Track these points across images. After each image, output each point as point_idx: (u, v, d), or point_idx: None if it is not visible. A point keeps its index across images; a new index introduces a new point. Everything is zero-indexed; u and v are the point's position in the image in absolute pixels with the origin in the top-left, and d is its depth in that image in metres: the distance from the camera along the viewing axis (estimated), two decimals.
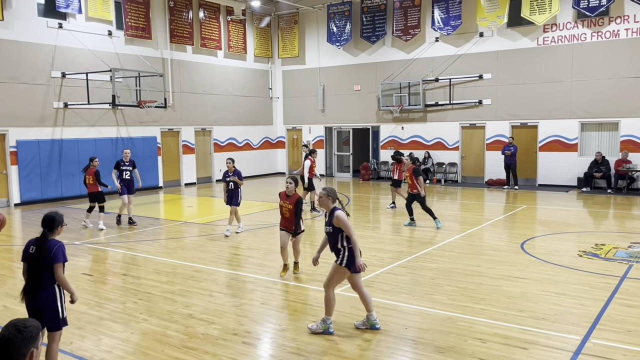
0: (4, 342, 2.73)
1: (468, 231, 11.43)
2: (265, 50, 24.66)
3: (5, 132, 15.77)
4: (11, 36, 15.67)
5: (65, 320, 4.80)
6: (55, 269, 4.65)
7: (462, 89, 20.46)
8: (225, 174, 11.41)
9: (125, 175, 12.63)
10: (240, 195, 11.40)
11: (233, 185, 11.24)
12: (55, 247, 4.68)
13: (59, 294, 4.74)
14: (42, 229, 4.74)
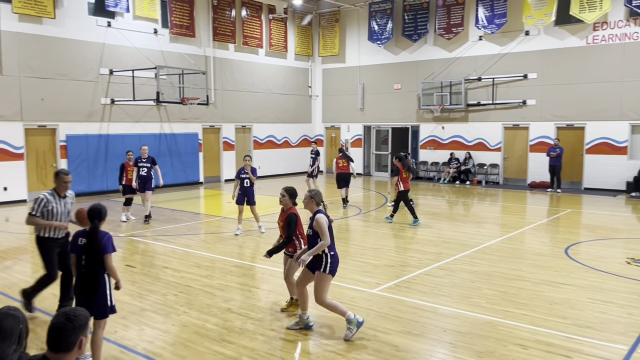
0: (55, 330, 2.84)
1: (509, 234, 11.19)
2: (306, 49, 24.76)
3: (56, 126, 16.37)
4: (62, 34, 16.25)
5: (113, 308, 4.99)
6: (106, 259, 4.83)
7: (505, 88, 20.02)
8: (240, 171, 11.05)
9: (142, 171, 12.42)
10: (254, 193, 11.15)
11: (248, 183, 10.99)
12: (105, 238, 4.87)
13: (108, 283, 4.94)
14: (91, 221, 4.91)
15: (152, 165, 12.61)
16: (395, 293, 7.23)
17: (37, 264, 8.98)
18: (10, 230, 11.91)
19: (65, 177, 6.15)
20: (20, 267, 8.80)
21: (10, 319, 3.19)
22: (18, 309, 3.27)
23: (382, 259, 9.05)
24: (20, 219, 13.41)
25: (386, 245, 10.32)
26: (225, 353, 5.33)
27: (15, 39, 15.23)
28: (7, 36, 15.03)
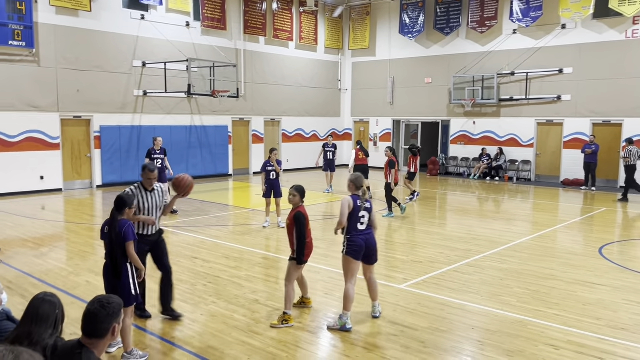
0: (89, 316, 2.92)
1: (540, 232, 10.97)
2: (336, 42, 24.68)
3: (91, 117, 16.74)
4: (97, 27, 16.57)
5: (137, 297, 5.06)
6: (127, 247, 4.93)
7: (539, 83, 19.57)
8: (266, 164, 11.05)
9: (156, 163, 12.32)
10: (280, 185, 11.13)
11: (275, 175, 11.00)
12: (125, 226, 4.96)
13: (131, 272, 5.02)
14: (116, 209, 5.04)
15: (165, 156, 12.67)
16: (423, 289, 7.17)
17: (72, 251, 9.23)
18: (47, 218, 12.26)
19: (150, 174, 5.76)
20: (55, 254, 9.04)
21: (47, 305, 3.28)
22: (54, 295, 3.36)
23: (409, 255, 8.98)
24: (56, 207, 13.80)
25: (414, 240, 10.24)
26: (252, 344, 5.38)
27: (53, 31, 15.60)
28: (44, 29, 15.40)
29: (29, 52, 15.10)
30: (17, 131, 15.17)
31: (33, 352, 1.53)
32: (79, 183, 16.81)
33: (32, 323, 3.19)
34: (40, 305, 3.25)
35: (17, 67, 14.97)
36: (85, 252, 9.14)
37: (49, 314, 3.25)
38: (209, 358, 5.06)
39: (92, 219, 12.39)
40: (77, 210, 13.54)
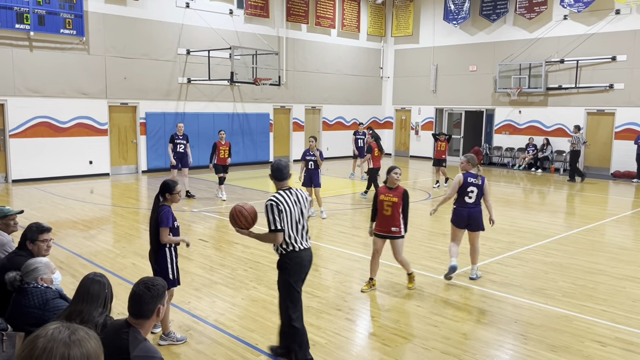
0: (135, 297, 3.00)
1: (588, 226, 10.61)
2: (379, 29, 24.39)
3: (137, 104, 17.17)
4: (144, 15, 16.92)
5: (174, 282, 5.13)
6: (160, 232, 5.00)
7: (590, 71, 18.82)
8: (306, 153, 11.02)
9: (179, 148, 12.80)
10: (320, 176, 11.05)
11: (313, 165, 10.90)
12: (162, 212, 5.02)
13: (169, 256, 5.09)
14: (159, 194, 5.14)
15: (187, 142, 12.98)
16: (464, 281, 7.06)
17: (118, 234, 9.54)
18: (95, 201, 12.69)
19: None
20: (103, 237, 9.36)
21: (97, 285, 3.40)
22: (103, 275, 3.48)
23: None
24: (103, 191, 14.28)
25: None
26: None
27: (102, 20, 16.02)
28: (94, 17, 15.83)
29: (79, 40, 15.57)
30: (68, 117, 15.71)
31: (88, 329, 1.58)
32: (125, 168, 17.31)
33: (83, 302, 3.32)
34: (90, 285, 3.37)
35: (68, 55, 15.47)
36: (131, 235, 9.43)
37: (99, 293, 3.36)
38: (249, 342, 5.15)
39: (138, 203, 12.75)
40: (124, 194, 13.97)
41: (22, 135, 14.92)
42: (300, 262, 4.61)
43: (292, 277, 4.60)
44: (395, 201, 6.31)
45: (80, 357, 1.48)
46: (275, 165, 4.68)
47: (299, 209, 4.61)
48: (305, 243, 4.64)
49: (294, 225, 4.56)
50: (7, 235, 4.94)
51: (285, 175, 4.65)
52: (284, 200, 4.52)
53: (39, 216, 10.25)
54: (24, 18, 14.38)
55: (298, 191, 4.69)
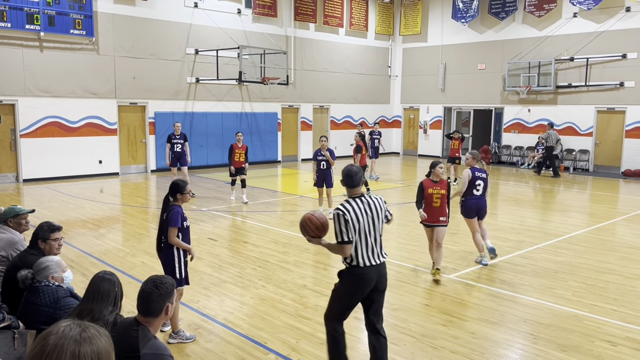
0: (143, 295, 3.02)
1: (598, 225, 10.53)
2: (387, 28, 24.34)
3: (146, 104, 17.26)
4: (152, 15, 16.99)
5: (181, 281, 5.12)
6: (169, 231, 5.03)
7: (600, 69, 18.67)
8: (317, 153, 10.96)
9: (176, 147, 12.80)
10: (332, 175, 10.95)
11: (325, 165, 10.83)
12: (172, 212, 5.05)
13: (177, 255, 5.11)
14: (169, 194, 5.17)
15: (184, 141, 12.96)
16: (473, 279, 7.04)
17: (128, 233, 9.59)
18: (105, 200, 12.77)
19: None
20: (113, 235, 9.42)
21: (107, 283, 3.42)
22: (113, 274, 3.50)
23: (460, 244, 8.83)
24: (113, 191, 14.37)
25: (465, 230, 10.01)
26: (301, 328, 5.44)
27: (111, 20, 16.11)
28: (103, 17, 15.92)
29: (88, 41, 15.67)
30: (78, 117, 15.82)
31: (98, 326, 1.60)
32: (134, 167, 17.41)
33: (94, 300, 3.34)
34: (100, 284, 3.40)
35: (78, 55, 15.57)
36: (140, 234, 9.48)
37: (109, 292, 3.39)
38: (258, 340, 5.16)
39: (147, 203, 12.82)
40: (133, 193, 14.04)
41: (32, 135, 15.05)
42: (360, 279, 4.13)
43: (347, 292, 4.20)
44: (444, 193, 6.97)
45: (90, 354, 1.49)
46: (345, 171, 4.27)
47: (369, 218, 4.14)
48: (374, 258, 4.15)
49: (362, 237, 4.11)
50: (18, 234, 4.99)
51: (356, 182, 4.25)
52: (351, 209, 4.10)
53: (49, 215, 10.33)
54: (34, 19, 14.49)
55: (373, 198, 4.23)
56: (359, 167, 4.33)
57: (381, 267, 4.23)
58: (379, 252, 4.23)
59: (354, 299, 4.24)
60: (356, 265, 4.13)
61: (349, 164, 4.35)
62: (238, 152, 12.17)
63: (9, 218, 4.98)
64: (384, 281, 4.30)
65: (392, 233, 9.67)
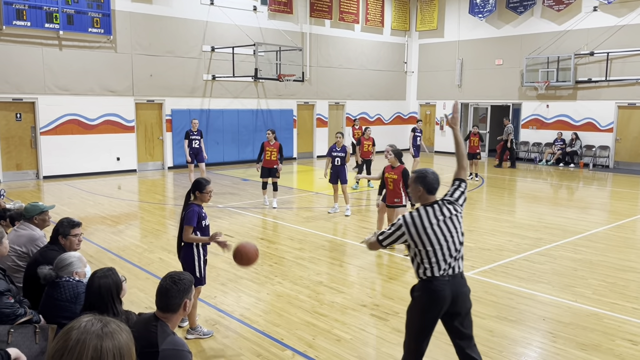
0: (162, 291, 3.05)
1: (619, 222, 10.36)
2: (403, 24, 24.19)
3: (163, 101, 17.39)
4: (169, 13, 17.10)
5: (201, 280, 5.10)
6: (184, 229, 5.01)
7: (621, 64, 18.35)
8: (332, 148, 10.86)
9: (194, 144, 12.95)
10: (346, 172, 10.92)
11: (340, 161, 10.75)
12: (189, 210, 5.03)
13: (196, 255, 5.08)
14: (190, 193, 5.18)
15: (201, 137, 13.12)
16: (490, 277, 6.98)
17: (145, 229, 9.69)
18: (122, 197, 12.91)
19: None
20: (131, 232, 9.52)
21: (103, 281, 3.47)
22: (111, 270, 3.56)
23: (477, 242, 8.76)
24: (131, 187, 14.52)
25: (481, 227, 9.96)
26: (317, 325, 5.45)
27: (128, 18, 16.24)
28: (120, 16, 16.07)
29: (106, 39, 15.83)
30: (96, 115, 16.00)
31: (119, 321, 1.61)
32: (151, 164, 17.56)
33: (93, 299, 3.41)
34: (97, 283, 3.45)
35: (96, 54, 15.74)
36: (158, 230, 9.57)
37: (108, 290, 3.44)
38: (275, 337, 5.18)
39: (164, 199, 12.93)
40: (150, 190, 14.18)
41: (52, 133, 15.26)
42: (434, 295, 3.73)
43: (420, 310, 3.81)
44: (396, 178, 7.86)
45: (112, 349, 1.51)
46: (427, 176, 3.87)
47: (443, 226, 3.74)
48: (448, 272, 3.74)
49: (436, 247, 3.70)
50: (39, 230, 5.07)
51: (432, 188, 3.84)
52: (418, 221, 3.72)
53: (69, 211, 10.47)
54: (54, 17, 14.68)
55: (446, 205, 3.82)
56: (435, 173, 3.90)
57: (459, 283, 3.80)
58: (457, 265, 3.79)
59: (429, 318, 3.79)
60: (429, 279, 3.74)
61: (425, 168, 3.94)
62: (269, 150, 11.33)
63: (34, 215, 5.06)
64: (464, 299, 3.82)
65: None
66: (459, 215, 3.81)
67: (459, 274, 3.80)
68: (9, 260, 4.69)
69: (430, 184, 3.81)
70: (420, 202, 3.86)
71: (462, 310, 3.82)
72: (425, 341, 3.86)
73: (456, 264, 3.77)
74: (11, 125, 14.80)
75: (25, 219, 5.05)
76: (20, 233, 4.91)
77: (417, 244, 3.72)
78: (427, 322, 3.80)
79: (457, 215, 3.81)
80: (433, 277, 3.73)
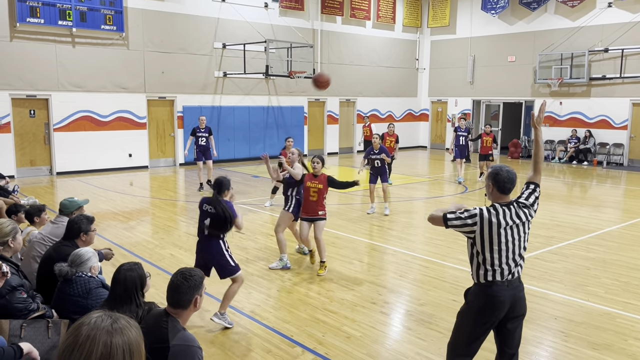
0: (172, 288, 3.07)
1: (633, 220, 10.25)
2: (414, 20, 24.06)
3: (174, 98, 17.47)
4: (181, 10, 17.16)
5: (236, 267, 5.35)
6: (235, 222, 5.32)
7: (636, 60, 18.11)
8: (369, 151, 10.76)
9: (200, 141, 12.81)
10: (387, 171, 10.85)
11: (380, 163, 10.65)
12: (231, 205, 5.37)
13: (223, 245, 5.32)
14: (215, 191, 5.38)
15: (209, 135, 12.92)
16: None
17: (157, 225, 9.75)
18: (134, 193, 13.00)
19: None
20: (142, 228, 9.59)
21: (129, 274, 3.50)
22: (137, 264, 3.58)
23: None
24: (142, 184, 14.61)
25: None
26: (327, 322, 5.45)
27: (140, 15, 16.33)
28: (133, 13, 16.16)
29: (119, 36, 15.93)
30: (109, 111, 16.12)
31: (129, 317, 1.63)
32: (163, 161, 17.67)
33: (119, 291, 3.42)
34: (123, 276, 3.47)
35: (109, 50, 15.84)
36: (169, 226, 9.63)
37: (133, 283, 3.46)
38: (285, 333, 5.19)
39: (175, 196, 13.00)
40: (162, 186, 14.26)
41: (65, 129, 15.41)
42: (492, 300, 3.53)
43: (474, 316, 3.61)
44: (321, 187, 7.07)
45: (122, 344, 1.52)
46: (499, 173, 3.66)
47: (514, 229, 3.56)
48: (509, 276, 3.56)
49: (502, 249, 3.52)
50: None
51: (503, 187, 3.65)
52: (495, 219, 3.52)
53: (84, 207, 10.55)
54: (67, 15, 14.80)
55: (522, 209, 3.65)
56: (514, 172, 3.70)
57: (517, 287, 3.61)
58: (518, 270, 3.61)
59: (483, 324, 3.58)
60: (488, 283, 3.54)
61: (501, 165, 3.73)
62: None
63: (73, 211, 5.29)
64: (522, 305, 3.64)
65: (419, 227, 9.60)
66: (530, 221, 3.66)
67: (517, 278, 3.61)
68: (43, 249, 4.80)
69: (501, 182, 3.60)
70: (493, 200, 3.66)
71: (516, 316, 3.63)
72: (473, 349, 3.66)
73: (517, 269, 3.60)
74: (25, 121, 14.96)
75: (63, 214, 5.25)
76: (58, 226, 5.07)
77: (484, 242, 3.51)
78: (480, 329, 3.59)
79: (529, 221, 3.65)
80: (493, 282, 3.53)
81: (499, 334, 3.70)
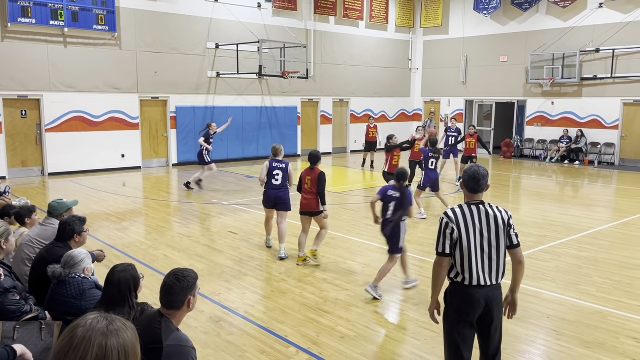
0: (165, 289, 3.07)
1: (624, 220, 10.33)
2: (407, 20, 24.12)
3: (167, 98, 17.42)
4: (174, 10, 17.11)
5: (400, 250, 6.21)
6: (410, 209, 6.15)
7: (627, 60, 18.25)
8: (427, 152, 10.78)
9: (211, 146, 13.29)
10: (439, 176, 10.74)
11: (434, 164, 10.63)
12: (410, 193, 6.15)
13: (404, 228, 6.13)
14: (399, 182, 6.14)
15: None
16: None
17: (150, 226, 9.72)
18: (127, 194, 12.95)
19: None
20: (135, 229, 9.56)
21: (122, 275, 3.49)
22: (130, 265, 3.57)
23: None
24: (135, 184, 14.55)
25: None
26: (321, 322, 5.46)
27: (133, 15, 16.27)
28: (125, 13, 16.09)
29: (111, 36, 15.86)
30: (101, 112, 16.05)
31: (125, 319, 1.62)
32: (156, 161, 17.61)
33: (112, 292, 3.41)
34: (117, 277, 3.47)
35: (101, 51, 15.77)
36: (162, 227, 9.60)
37: (127, 284, 3.45)
38: (279, 334, 5.19)
39: (169, 196, 12.96)
40: (155, 187, 14.21)
41: (57, 130, 15.32)
42: (467, 299, 3.52)
43: (452, 317, 3.60)
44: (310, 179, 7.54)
45: (117, 347, 1.52)
46: (471, 173, 3.62)
47: (484, 231, 3.51)
48: (486, 278, 3.51)
49: (473, 250, 3.49)
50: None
51: (478, 187, 3.60)
52: (461, 218, 3.51)
53: (73, 209, 10.49)
54: (59, 15, 14.71)
55: (492, 209, 3.58)
56: (486, 171, 3.64)
57: (494, 290, 3.56)
58: (495, 273, 3.54)
59: (462, 325, 3.56)
60: (461, 283, 3.52)
61: (476, 165, 3.69)
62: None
63: (62, 213, 5.23)
64: (498, 310, 3.61)
65: (413, 227, 9.62)
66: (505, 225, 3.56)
67: (494, 282, 3.56)
68: (32, 251, 4.76)
69: (466, 181, 3.61)
70: (465, 199, 3.64)
71: (493, 320, 3.59)
72: (459, 354, 3.59)
73: (494, 271, 3.54)
74: (16, 122, 14.87)
75: (52, 216, 5.21)
76: (47, 228, 5.03)
77: (452, 242, 3.51)
78: (463, 330, 3.56)
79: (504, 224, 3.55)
80: (468, 283, 3.51)
81: (479, 339, 3.70)
